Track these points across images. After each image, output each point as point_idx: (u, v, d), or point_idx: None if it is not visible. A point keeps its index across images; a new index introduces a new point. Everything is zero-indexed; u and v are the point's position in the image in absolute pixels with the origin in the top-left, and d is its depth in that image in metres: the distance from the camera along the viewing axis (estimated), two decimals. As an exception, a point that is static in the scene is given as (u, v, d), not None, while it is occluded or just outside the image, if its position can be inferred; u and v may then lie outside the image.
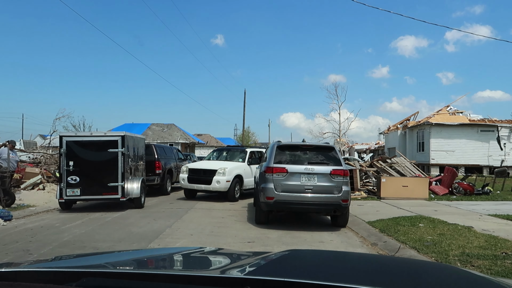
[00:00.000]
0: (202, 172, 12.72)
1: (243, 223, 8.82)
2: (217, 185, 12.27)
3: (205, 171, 12.68)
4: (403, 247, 6.12)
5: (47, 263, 1.72)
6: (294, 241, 7.00)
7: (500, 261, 5.06)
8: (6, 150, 11.13)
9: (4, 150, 11.22)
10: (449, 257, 5.35)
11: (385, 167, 15.77)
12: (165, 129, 39.89)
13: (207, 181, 12.35)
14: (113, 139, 10.36)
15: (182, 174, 13.12)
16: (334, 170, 8.01)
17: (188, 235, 7.32)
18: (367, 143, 50.19)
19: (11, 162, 11.15)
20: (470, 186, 14.50)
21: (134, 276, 1.38)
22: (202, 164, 13.73)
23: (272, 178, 8.02)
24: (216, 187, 12.33)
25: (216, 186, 12.31)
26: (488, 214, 9.50)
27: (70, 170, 10.13)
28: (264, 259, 1.65)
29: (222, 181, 12.27)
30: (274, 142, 9.24)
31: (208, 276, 1.35)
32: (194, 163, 14.29)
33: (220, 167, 12.45)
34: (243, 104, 48.23)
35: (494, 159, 25.96)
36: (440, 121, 26.78)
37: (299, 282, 1.18)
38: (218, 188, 12.33)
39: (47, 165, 15.62)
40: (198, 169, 12.94)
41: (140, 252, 2.36)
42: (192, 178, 12.73)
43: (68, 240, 6.86)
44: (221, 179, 12.28)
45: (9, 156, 10.99)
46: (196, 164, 13.86)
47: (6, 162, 10.89)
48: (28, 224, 8.43)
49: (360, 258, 2.14)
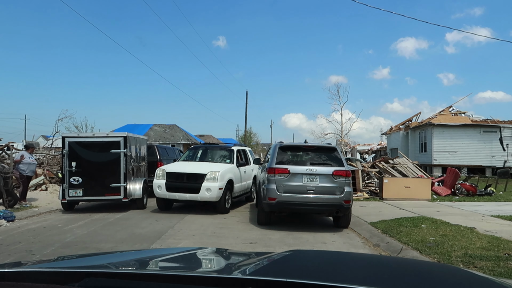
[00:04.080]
0: (186, 177, 10.04)
1: (245, 224, 8.83)
2: (207, 194, 9.71)
3: (190, 176, 10.03)
4: (405, 248, 6.10)
5: (50, 263, 1.72)
6: (296, 242, 6.99)
7: (503, 262, 5.04)
8: (27, 154, 11.12)
9: (25, 154, 11.17)
10: (451, 258, 5.33)
11: (387, 168, 15.75)
12: (167, 130, 39.94)
13: (194, 189, 9.79)
14: (115, 140, 10.39)
15: (158, 180, 10.16)
16: (336, 171, 8.00)
17: (190, 236, 7.33)
18: (369, 144, 50.08)
19: (32, 166, 11.12)
20: (472, 187, 14.46)
21: (136, 277, 1.38)
22: (184, 166, 10.64)
23: (274, 179, 8.01)
24: (206, 197, 9.77)
25: (206, 196, 9.74)
26: (490, 215, 9.47)
27: (73, 171, 10.16)
28: (266, 259, 1.65)
29: (214, 188, 9.70)
30: (276, 143, 9.24)
31: (210, 276, 1.35)
32: (173, 165, 10.99)
33: (210, 171, 9.92)
34: (245, 105, 48.29)
35: (497, 159, 25.86)
36: (442, 121, 26.72)
37: (301, 282, 1.18)
38: (209, 197, 9.77)
39: (49, 166, 15.68)
40: (181, 173, 10.12)
41: (142, 253, 2.37)
42: (172, 185, 9.97)
43: (70, 241, 6.87)
44: (213, 186, 9.71)
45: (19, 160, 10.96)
46: (176, 167, 10.63)
47: (27, 166, 10.86)
48: (30, 225, 8.46)
49: (362, 259, 2.14)
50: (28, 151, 11.37)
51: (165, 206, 10.47)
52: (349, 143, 39.68)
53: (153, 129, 39.50)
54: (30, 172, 11.15)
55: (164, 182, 10.02)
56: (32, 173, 11.38)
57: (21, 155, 11.14)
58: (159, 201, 10.47)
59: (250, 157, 13.02)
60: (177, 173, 10.16)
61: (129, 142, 10.51)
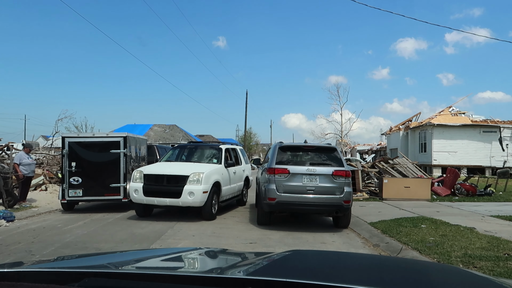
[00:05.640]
0: (166, 179, 9.00)
1: (245, 224, 8.82)
2: (190, 198, 8.64)
3: (170, 178, 8.99)
4: (405, 248, 6.10)
5: (49, 263, 1.72)
6: (296, 242, 6.99)
7: (502, 262, 5.04)
8: (25, 155, 11.10)
9: (23, 155, 11.17)
10: (451, 258, 5.33)
11: (387, 168, 15.74)
12: (167, 130, 39.94)
13: (175, 193, 8.73)
14: (115, 140, 10.39)
15: (134, 183, 9.09)
16: (336, 171, 8.00)
17: (190, 236, 7.32)
18: (369, 144, 50.11)
19: (32, 166, 11.10)
20: (472, 187, 14.45)
21: (136, 277, 1.38)
22: (165, 167, 9.57)
23: (274, 179, 8.01)
24: (189, 202, 8.69)
25: (189, 200, 8.67)
26: (490, 215, 9.47)
27: (73, 171, 10.16)
28: (266, 259, 1.65)
29: (198, 192, 8.64)
30: (276, 143, 9.23)
31: (209, 276, 1.35)
32: (153, 166, 9.90)
33: (193, 172, 8.87)
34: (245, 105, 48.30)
35: (497, 160, 25.87)
36: (442, 122, 26.72)
37: (301, 282, 1.17)
38: (192, 202, 8.69)
39: (49, 166, 15.67)
40: (160, 175, 9.10)
41: (142, 253, 2.37)
42: (151, 188, 8.90)
43: (70, 241, 6.87)
44: (196, 189, 8.66)
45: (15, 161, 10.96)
46: (155, 168, 9.58)
47: (26, 167, 10.84)
48: (30, 225, 8.46)
49: (362, 259, 2.14)
50: (25, 151, 11.36)
51: (144, 213, 9.37)
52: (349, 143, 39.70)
53: (153, 129, 39.51)
54: (31, 172, 11.15)
55: (142, 185, 8.98)
56: (33, 173, 11.38)
57: (19, 158, 11.11)
58: (137, 207, 9.37)
59: (241, 157, 12.15)
60: (156, 175, 9.13)
61: (129, 142, 10.51)
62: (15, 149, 16.12)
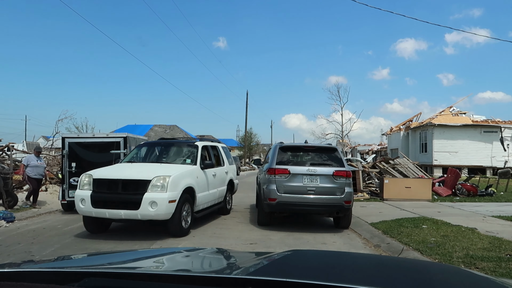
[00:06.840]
0: (121, 185, 6.94)
1: (245, 224, 8.82)
2: (151, 209, 6.71)
3: (126, 184, 6.94)
4: (406, 249, 6.09)
5: (49, 264, 1.72)
6: (297, 243, 6.99)
7: (504, 263, 5.03)
8: (34, 158, 11.11)
9: (31, 157, 11.18)
10: (452, 259, 5.32)
11: (388, 168, 15.73)
12: (167, 130, 39.97)
13: (132, 202, 6.76)
14: (116, 141, 10.40)
15: (81, 190, 7.10)
16: (337, 171, 7.99)
17: (190, 236, 7.32)
18: (370, 144, 50.13)
19: (40, 168, 11.11)
20: (473, 187, 14.43)
21: (136, 276, 1.38)
22: (120, 170, 7.51)
23: (275, 179, 8.00)
24: (150, 214, 6.75)
25: (150, 212, 6.73)
26: (491, 215, 9.45)
27: (73, 172, 10.17)
28: (266, 259, 1.65)
29: (162, 201, 6.73)
30: (277, 143, 9.22)
31: (210, 276, 1.35)
32: (105, 169, 7.65)
33: (157, 176, 6.91)
34: (245, 106, 48.34)
35: (498, 160, 25.85)
36: (443, 122, 26.71)
37: (301, 282, 1.17)
38: (155, 215, 6.78)
39: (49, 167, 15.67)
40: (113, 180, 7.04)
41: (142, 253, 2.36)
42: (101, 197, 6.94)
43: (70, 241, 6.87)
44: (160, 197, 6.73)
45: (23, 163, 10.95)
46: (109, 171, 7.46)
47: (33, 169, 10.85)
48: (30, 226, 8.46)
49: (363, 259, 2.13)
50: (34, 154, 11.37)
51: (97, 228, 7.42)
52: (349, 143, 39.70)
53: (154, 129, 39.55)
54: (38, 175, 11.05)
55: (90, 193, 6.98)
56: (40, 176, 11.28)
57: (27, 160, 11.13)
58: (86, 221, 7.36)
59: (224, 156, 10.29)
60: (109, 179, 7.08)
61: (129, 142, 10.51)
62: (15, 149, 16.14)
